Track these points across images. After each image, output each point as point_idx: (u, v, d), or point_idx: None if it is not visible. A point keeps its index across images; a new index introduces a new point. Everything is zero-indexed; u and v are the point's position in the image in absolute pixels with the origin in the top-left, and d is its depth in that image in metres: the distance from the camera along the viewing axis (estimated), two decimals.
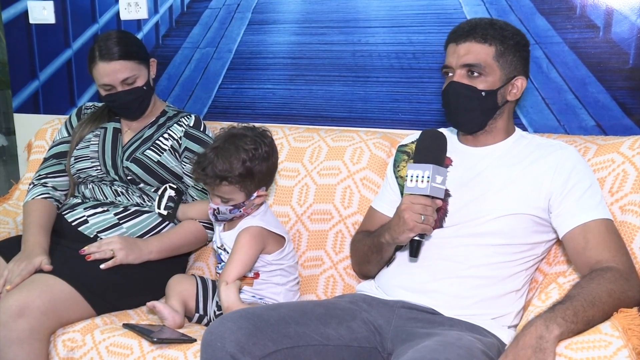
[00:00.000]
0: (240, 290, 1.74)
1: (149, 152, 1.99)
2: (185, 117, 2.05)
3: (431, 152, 1.53)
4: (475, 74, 1.54)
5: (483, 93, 1.54)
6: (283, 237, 1.80)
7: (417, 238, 1.51)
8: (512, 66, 1.55)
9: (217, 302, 1.80)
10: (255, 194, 1.72)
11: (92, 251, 1.82)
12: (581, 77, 1.91)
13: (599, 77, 1.89)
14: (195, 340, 1.61)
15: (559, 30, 1.91)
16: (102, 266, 1.80)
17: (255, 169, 1.68)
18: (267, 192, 1.78)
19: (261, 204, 1.77)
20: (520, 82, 1.57)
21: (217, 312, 1.79)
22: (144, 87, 1.99)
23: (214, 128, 2.22)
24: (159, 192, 1.98)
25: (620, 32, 1.85)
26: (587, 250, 1.44)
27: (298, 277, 1.88)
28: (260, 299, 1.77)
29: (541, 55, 1.94)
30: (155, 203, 1.97)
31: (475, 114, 1.57)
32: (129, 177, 1.98)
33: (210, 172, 1.66)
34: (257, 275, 1.77)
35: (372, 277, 1.71)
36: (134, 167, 1.98)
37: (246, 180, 1.68)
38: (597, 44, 1.88)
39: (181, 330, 1.70)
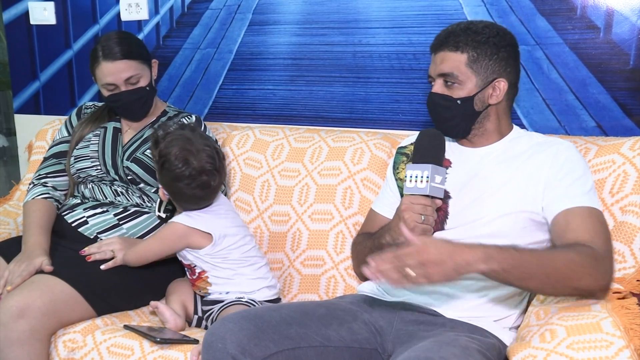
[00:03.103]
0: (207, 293, 1.78)
1: (149, 152, 1.99)
2: (186, 118, 2.05)
3: (430, 151, 1.54)
4: (450, 83, 1.55)
5: (459, 101, 1.54)
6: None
7: None
8: (488, 70, 1.54)
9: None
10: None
11: (92, 252, 1.82)
12: (582, 78, 1.91)
13: (600, 78, 1.89)
14: (197, 341, 1.61)
15: (560, 31, 1.91)
16: (102, 267, 1.80)
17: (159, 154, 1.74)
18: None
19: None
20: (502, 85, 1.56)
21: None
22: (147, 88, 1.99)
23: (215, 129, 2.23)
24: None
25: (621, 33, 1.85)
26: (566, 233, 1.43)
27: (264, 264, 1.84)
28: (247, 294, 1.77)
29: (542, 56, 1.94)
30: (156, 206, 1.97)
31: (455, 121, 1.57)
32: (129, 177, 1.98)
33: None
34: (202, 272, 1.78)
35: None
36: (134, 167, 1.98)
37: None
38: (597, 44, 1.88)
39: (182, 333, 1.70)
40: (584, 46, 1.89)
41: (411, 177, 1.49)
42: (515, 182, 1.53)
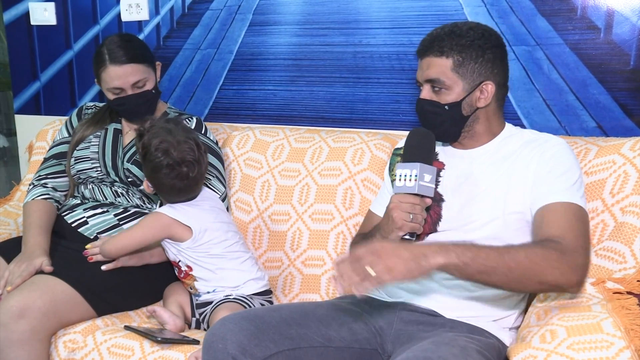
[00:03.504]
0: (197, 291, 1.78)
1: None
2: (187, 120, 2.05)
3: (419, 150, 1.53)
4: (437, 89, 1.53)
5: (446, 107, 1.53)
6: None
7: (407, 237, 1.49)
8: (475, 74, 1.52)
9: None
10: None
11: (94, 252, 1.82)
12: (582, 79, 1.91)
13: (600, 79, 1.89)
14: (198, 341, 1.61)
15: (560, 31, 1.91)
16: (103, 267, 1.80)
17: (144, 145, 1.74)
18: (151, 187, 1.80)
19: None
20: (489, 87, 1.54)
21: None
22: (153, 91, 1.99)
23: (215, 129, 2.23)
24: None
25: (621, 34, 1.85)
26: (540, 229, 1.42)
27: (248, 258, 1.84)
28: (234, 289, 1.78)
29: (542, 56, 1.94)
30: (157, 208, 1.96)
31: (444, 127, 1.56)
32: (129, 179, 1.98)
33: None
34: (190, 268, 1.78)
35: None
36: (135, 170, 1.98)
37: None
38: (598, 45, 1.88)
39: (182, 334, 1.70)
40: (584, 47, 1.89)
41: (400, 176, 1.49)
42: (506, 184, 1.52)
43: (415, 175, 1.47)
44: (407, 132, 2.03)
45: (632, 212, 1.57)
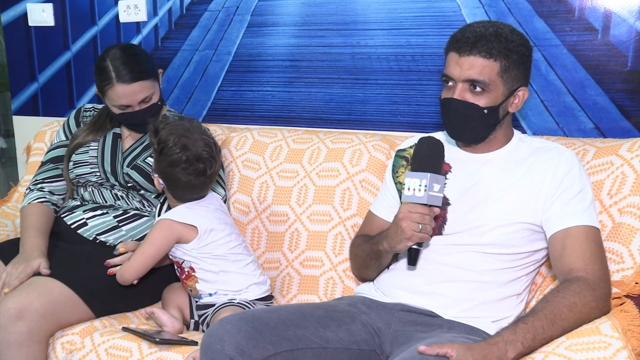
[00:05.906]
0: (198, 294, 1.78)
1: (150, 160, 1.98)
2: None
3: (428, 160, 1.51)
4: (478, 89, 1.50)
5: (485, 111, 1.51)
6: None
7: (415, 247, 1.50)
8: (515, 79, 1.52)
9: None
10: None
11: (115, 262, 1.81)
12: (580, 80, 1.91)
13: (598, 80, 1.89)
14: (196, 342, 1.61)
15: (558, 32, 1.92)
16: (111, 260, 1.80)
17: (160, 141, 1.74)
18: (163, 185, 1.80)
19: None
20: (522, 93, 1.55)
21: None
22: (159, 103, 1.97)
23: (213, 130, 2.23)
24: (161, 199, 1.97)
25: (619, 35, 1.85)
26: (562, 257, 1.44)
27: (251, 262, 1.84)
28: (237, 294, 1.78)
29: (540, 57, 1.94)
30: (157, 211, 1.96)
31: (476, 130, 1.55)
32: (129, 184, 1.98)
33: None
34: (192, 269, 1.78)
35: (372, 280, 1.71)
36: (135, 175, 1.97)
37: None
38: (595, 46, 1.88)
39: (180, 335, 1.70)
40: (582, 48, 1.90)
41: (409, 185, 1.47)
42: (517, 193, 1.53)
43: (425, 186, 1.45)
44: (405, 133, 2.05)
45: (629, 213, 1.58)
